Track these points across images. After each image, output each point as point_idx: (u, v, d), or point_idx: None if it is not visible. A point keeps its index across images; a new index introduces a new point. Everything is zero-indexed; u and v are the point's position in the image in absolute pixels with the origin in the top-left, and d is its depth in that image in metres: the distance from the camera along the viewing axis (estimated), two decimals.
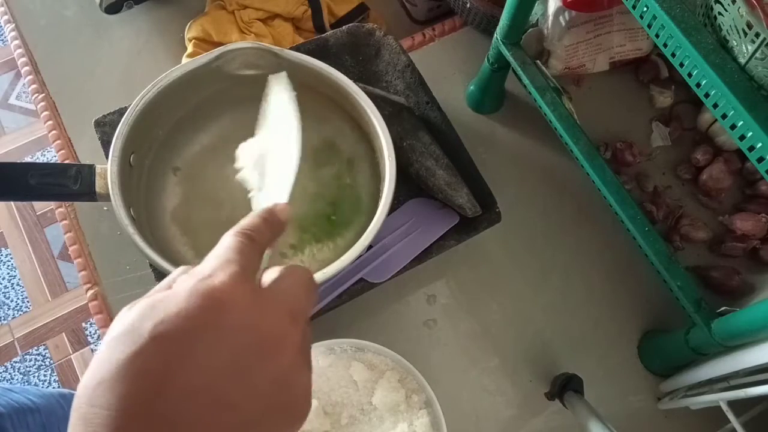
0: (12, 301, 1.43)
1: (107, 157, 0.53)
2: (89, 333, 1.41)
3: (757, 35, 0.37)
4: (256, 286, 0.26)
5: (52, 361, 1.38)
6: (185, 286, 0.24)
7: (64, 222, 0.68)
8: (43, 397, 0.62)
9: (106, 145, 0.61)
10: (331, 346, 0.54)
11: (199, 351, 0.22)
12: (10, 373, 1.36)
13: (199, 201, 0.59)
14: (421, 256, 0.60)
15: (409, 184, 0.63)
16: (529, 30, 0.66)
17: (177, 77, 0.55)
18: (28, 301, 1.43)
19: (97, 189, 0.52)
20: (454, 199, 0.60)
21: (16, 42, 0.79)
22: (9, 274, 1.46)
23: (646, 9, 0.43)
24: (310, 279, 0.29)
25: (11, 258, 1.48)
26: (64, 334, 1.41)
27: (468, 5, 0.74)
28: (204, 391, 0.22)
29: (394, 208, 0.62)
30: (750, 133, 0.39)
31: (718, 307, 0.52)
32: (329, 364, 0.53)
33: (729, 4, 0.39)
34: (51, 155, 1.59)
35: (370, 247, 0.55)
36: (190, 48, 0.76)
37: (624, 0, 0.46)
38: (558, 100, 0.61)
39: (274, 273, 0.28)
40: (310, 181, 0.61)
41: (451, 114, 0.65)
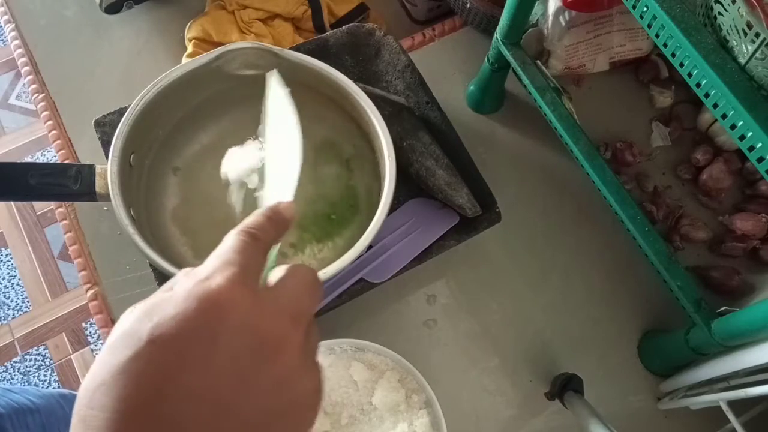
0: (12, 301, 1.43)
1: (107, 157, 0.53)
2: (89, 333, 1.41)
3: (757, 35, 0.37)
4: (255, 286, 0.26)
5: (52, 361, 1.38)
6: (183, 288, 0.23)
7: (64, 222, 0.68)
8: (42, 397, 0.62)
9: (106, 145, 0.61)
10: (331, 346, 0.54)
11: (196, 354, 0.22)
12: (10, 373, 1.36)
13: (199, 201, 0.59)
14: (421, 256, 0.60)
15: (409, 184, 0.63)
16: (529, 30, 0.66)
17: (177, 77, 0.55)
18: (28, 301, 1.43)
19: (97, 189, 0.52)
20: (454, 199, 0.60)
21: (16, 42, 0.79)
22: (9, 274, 1.46)
23: (646, 9, 0.43)
24: (313, 278, 0.28)
25: (11, 258, 1.48)
26: (64, 334, 1.41)
27: (468, 5, 0.74)
28: (202, 395, 0.22)
29: (394, 208, 0.62)
30: (750, 133, 0.39)
31: (718, 307, 0.52)
32: (329, 364, 0.53)
33: (729, 4, 0.39)
34: (51, 155, 1.59)
35: (370, 247, 0.55)
36: (190, 48, 0.76)
37: (624, 0, 0.46)
38: (558, 100, 0.61)
39: (279, 273, 0.28)
40: (310, 181, 0.61)
41: (451, 114, 0.65)
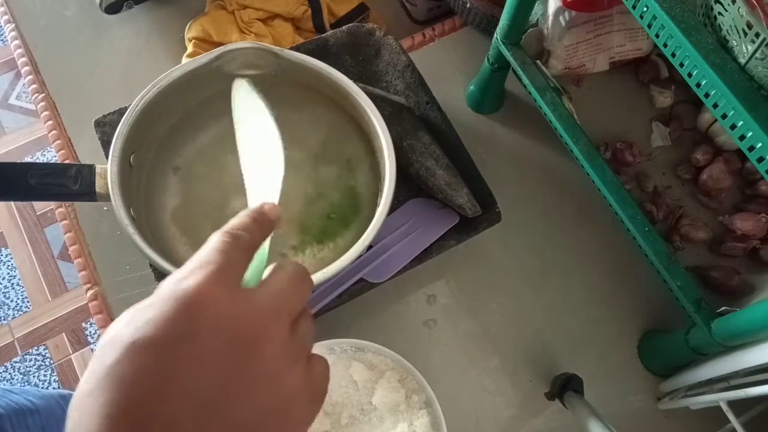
0: (12, 301, 1.43)
1: (107, 157, 0.53)
2: (89, 333, 1.41)
3: (757, 35, 0.37)
4: (234, 285, 0.25)
5: (52, 361, 1.38)
6: (162, 290, 0.23)
7: (64, 222, 0.68)
8: (42, 398, 0.62)
9: (106, 145, 0.61)
10: (331, 346, 0.54)
11: (176, 355, 0.22)
12: (10, 373, 1.36)
13: (199, 201, 0.59)
14: (421, 256, 0.60)
15: (409, 184, 0.63)
16: (529, 30, 0.66)
17: (177, 77, 0.55)
18: (28, 301, 1.43)
19: (97, 189, 0.52)
20: (454, 199, 0.60)
21: (16, 42, 0.79)
22: (9, 274, 1.46)
23: (646, 9, 0.43)
24: (298, 272, 0.28)
25: (11, 258, 1.48)
26: (64, 334, 1.41)
27: (468, 5, 0.74)
28: (185, 395, 0.22)
29: (394, 208, 0.62)
30: (750, 133, 0.39)
31: (718, 307, 0.52)
32: (329, 364, 0.53)
33: (729, 4, 0.39)
34: (51, 155, 1.59)
35: (370, 247, 0.55)
36: (190, 48, 0.76)
37: (624, 0, 0.46)
38: (558, 100, 0.61)
39: (267, 270, 0.28)
40: (310, 181, 0.61)
41: (451, 114, 0.65)
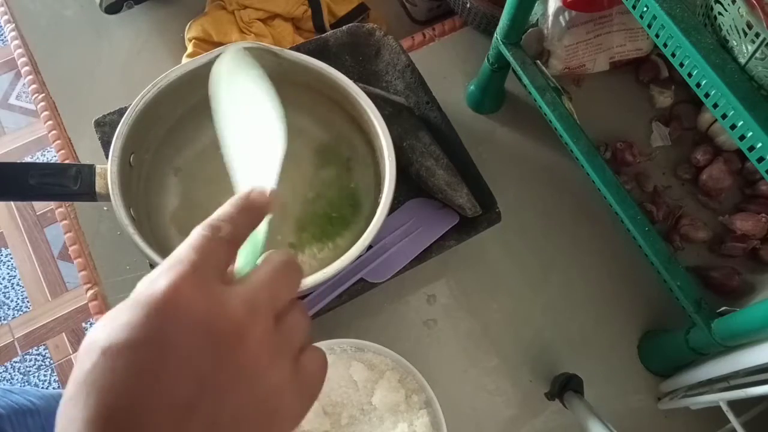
0: (12, 301, 1.43)
1: (107, 157, 0.53)
2: None
3: (757, 35, 0.37)
4: (208, 281, 0.23)
5: (52, 361, 1.38)
6: (137, 292, 0.23)
7: (64, 222, 0.68)
8: (42, 398, 0.62)
9: (106, 145, 0.61)
10: (331, 346, 0.54)
11: (147, 359, 0.21)
12: (10, 373, 1.36)
13: (199, 201, 0.59)
14: (421, 256, 0.60)
15: (409, 184, 0.63)
16: (529, 30, 0.66)
17: (177, 77, 0.55)
18: (28, 301, 1.43)
19: (97, 189, 0.52)
20: (454, 199, 0.60)
21: (16, 42, 0.79)
22: (9, 274, 1.46)
23: (646, 9, 0.43)
24: (283, 262, 0.26)
25: (11, 258, 1.48)
26: (64, 334, 1.41)
27: (468, 5, 0.74)
28: (160, 398, 0.21)
29: (394, 208, 0.61)
30: (750, 133, 0.39)
31: (718, 307, 0.52)
32: (329, 364, 0.53)
33: (729, 4, 0.39)
34: (51, 155, 1.59)
35: (370, 247, 0.55)
36: (190, 48, 0.76)
37: (624, 0, 0.46)
38: (558, 100, 0.61)
39: (260, 259, 0.27)
40: (310, 181, 0.61)
41: (451, 114, 0.65)
